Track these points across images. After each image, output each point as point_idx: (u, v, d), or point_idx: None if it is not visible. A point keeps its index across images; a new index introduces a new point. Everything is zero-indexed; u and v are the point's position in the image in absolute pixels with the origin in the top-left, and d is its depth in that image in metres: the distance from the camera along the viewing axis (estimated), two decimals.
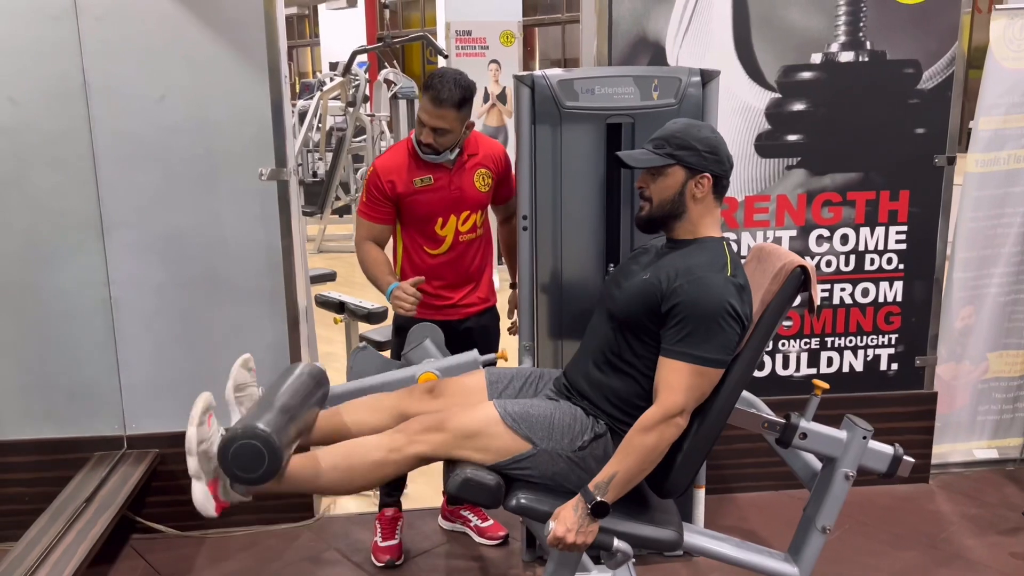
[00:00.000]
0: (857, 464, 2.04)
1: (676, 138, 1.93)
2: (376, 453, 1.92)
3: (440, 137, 2.47)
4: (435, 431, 1.91)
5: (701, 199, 1.94)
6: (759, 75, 2.92)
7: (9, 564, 2.25)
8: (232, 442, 1.75)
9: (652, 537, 1.90)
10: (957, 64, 2.98)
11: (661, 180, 1.95)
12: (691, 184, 1.93)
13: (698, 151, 1.92)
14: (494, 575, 2.73)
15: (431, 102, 2.43)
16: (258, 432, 1.74)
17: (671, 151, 1.93)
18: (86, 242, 2.78)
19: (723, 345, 1.80)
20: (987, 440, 3.43)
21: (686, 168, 1.93)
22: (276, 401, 1.87)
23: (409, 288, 2.43)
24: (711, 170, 1.93)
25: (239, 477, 1.77)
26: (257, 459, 1.74)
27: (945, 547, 2.86)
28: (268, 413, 1.81)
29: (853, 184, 3.03)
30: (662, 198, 1.95)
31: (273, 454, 1.74)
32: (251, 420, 1.78)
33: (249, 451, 1.74)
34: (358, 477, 1.93)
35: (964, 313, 3.27)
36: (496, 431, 1.91)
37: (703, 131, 1.96)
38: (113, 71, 2.68)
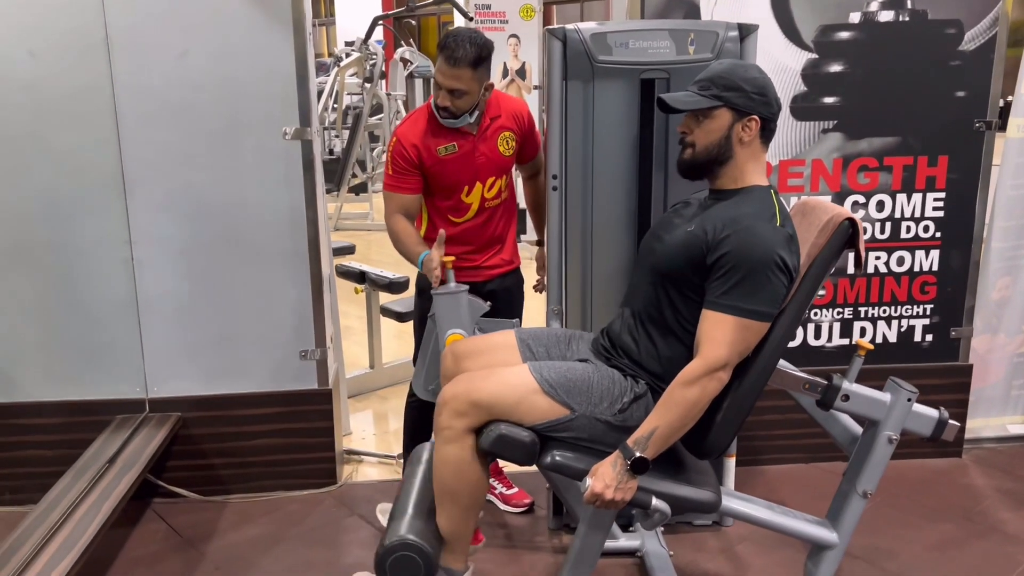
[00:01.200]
0: (901, 427, 1.98)
1: (722, 78, 1.86)
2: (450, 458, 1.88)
3: (457, 99, 2.39)
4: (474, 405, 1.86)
5: (748, 143, 1.87)
6: (795, 35, 2.84)
7: (31, 522, 2.21)
8: (383, 565, 1.83)
9: (690, 497, 1.85)
10: (1000, 25, 2.88)
11: (707, 123, 1.87)
12: (738, 127, 1.86)
13: (746, 92, 1.84)
14: (519, 542, 2.69)
15: (446, 62, 2.34)
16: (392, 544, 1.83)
17: (717, 92, 1.85)
18: (107, 201, 2.73)
19: (770, 298, 1.74)
20: (1022, 415, 3.36)
21: (733, 110, 1.85)
22: (408, 501, 1.97)
23: (432, 254, 2.36)
24: (759, 112, 1.85)
25: None
26: (413, 566, 1.83)
27: (981, 520, 2.79)
28: (403, 518, 1.91)
29: (890, 149, 2.94)
30: (708, 142, 1.87)
31: (419, 551, 1.83)
32: (388, 537, 1.86)
33: (402, 563, 1.83)
34: (468, 489, 1.91)
35: (1001, 284, 3.19)
36: (534, 400, 1.86)
37: (750, 71, 1.88)
38: (135, 25, 2.63)
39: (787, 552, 2.57)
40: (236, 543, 2.68)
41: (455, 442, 1.87)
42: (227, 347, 2.88)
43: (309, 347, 2.89)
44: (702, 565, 2.55)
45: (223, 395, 2.89)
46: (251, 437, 2.92)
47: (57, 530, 2.18)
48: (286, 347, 2.89)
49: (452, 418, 1.87)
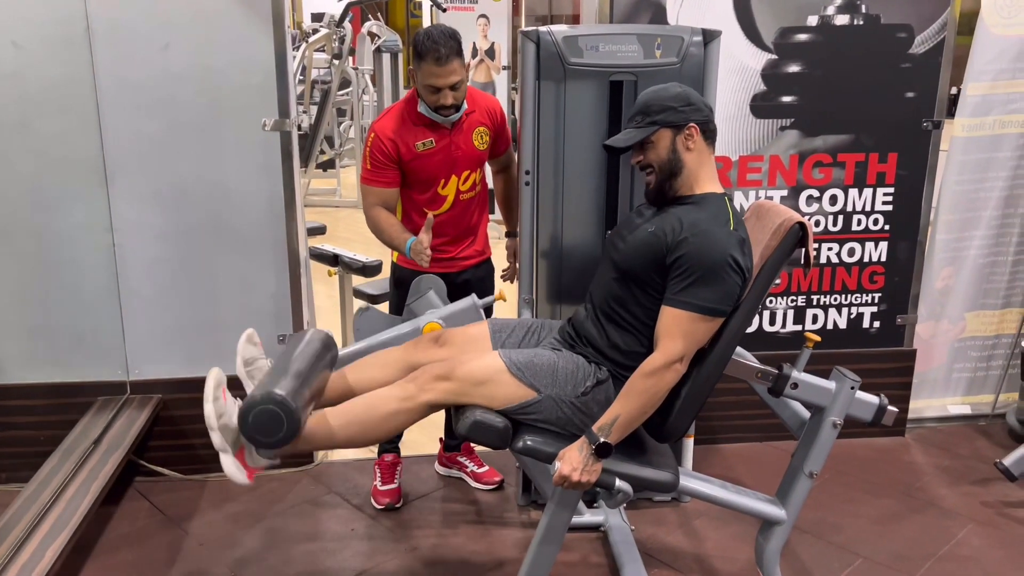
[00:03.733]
0: (844, 413, 2.14)
1: (649, 106, 2.02)
2: (389, 404, 1.99)
3: (456, 91, 2.49)
4: (444, 380, 1.98)
5: (694, 149, 2.02)
6: (756, 36, 2.97)
7: (24, 502, 2.31)
8: (251, 409, 1.82)
9: (651, 478, 2.00)
10: (948, 30, 3.04)
11: (652, 149, 2.02)
12: (680, 139, 2.01)
13: (674, 108, 2.00)
14: (490, 518, 2.84)
15: (436, 63, 2.42)
16: (274, 397, 1.81)
17: (651, 119, 2.01)
18: (89, 188, 2.80)
19: (724, 295, 1.89)
20: (961, 396, 3.57)
21: (670, 127, 2.00)
22: (289, 367, 1.93)
23: (422, 238, 2.47)
24: (693, 119, 2.00)
25: (261, 442, 1.85)
26: (276, 423, 1.81)
27: (920, 495, 3.00)
28: (282, 378, 1.88)
29: (844, 146, 3.10)
30: (659, 162, 2.02)
31: (291, 417, 1.81)
32: (267, 387, 1.84)
33: (268, 416, 1.81)
34: (374, 429, 2.01)
35: (944, 274, 3.38)
36: (502, 379, 1.99)
37: (670, 89, 2.04)
38: (117, 17, 2.68)
39: (740, 526, 2.75)
40: (218, 520, 2.80)
41: (409, 405, 1.99)
42: (207, 331, 2.97)
43: (287, 331, 2.99)
44: (661, 539, 2.72)
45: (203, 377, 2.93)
46: None
47: (49, 509, 2.28)
48: (264, 331, 2.90)
49: (423, 386, 1.99)
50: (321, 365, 2.06)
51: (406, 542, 2.68)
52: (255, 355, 2.14)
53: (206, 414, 1.88)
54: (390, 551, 2.64)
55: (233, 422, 1.90)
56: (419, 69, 2.47)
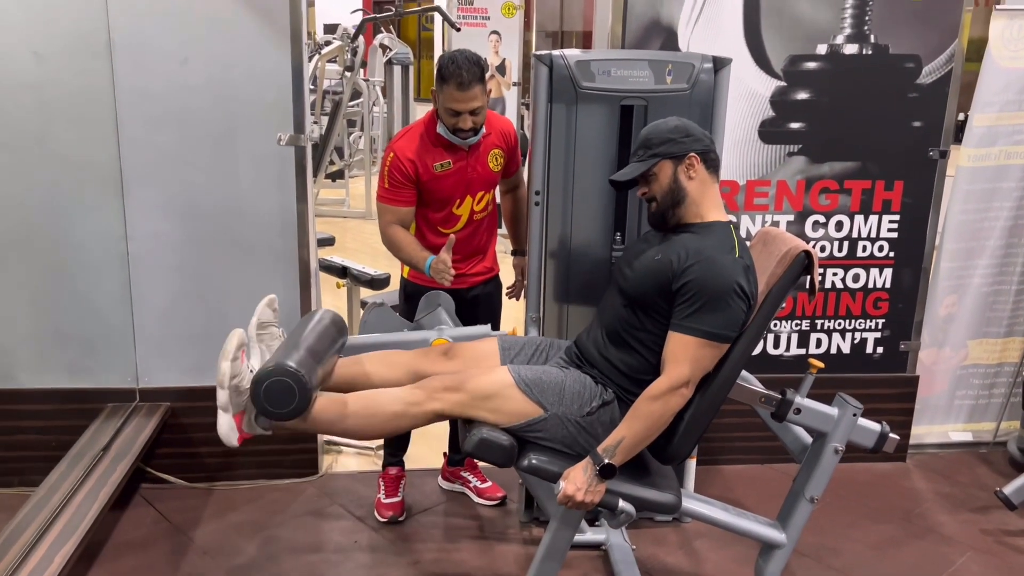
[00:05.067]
0: (846, 439, 2.17)
1: (649, 140, 2.08)
2: (396, 405, 2.03)
3: (476, 116, 2.54)
4: (453, 391, 2.02)
5: (695, 177, 2.06)
6: (766, 63, 3.01)
7: (34, 506, 2.34)
8: (266, 378, 1.85)
9: (654, 500, 2.02)
10: (956, 61, 3.08)
11: (655, 181, 2.08)
12: (681, 169, 2.06)
13: (673, 140, 2.06)
14: (492, 534, 2.86)
15: (458, 88, 2.47)
16: (289, 370, 1.85)
17: (652, 152, 2.06)
18: (106, 197, 2.84)
19: (730, 321, 1.92)
20: (963, 423, 3.59)
21: (671, 158, 2.05)
22: (303, 343, 1.97)
23: (444, 257, 2.50)
24: (692, 149, 2.06)
25: (270, 412, 1.88)
26: (288, 395, 1.85)
27: (919, 521, 3.01)
28: (297, 353, 1.91)
29: (850, 173, 3.14)
30: (662, 191, 2.08)
31: (303, 392, 1.85)
32: (283, 358, 1.88)
33: (281, 387, 1.84)
34: (376, 425, 2.05)
35: (948, 301, 3.40)
36: (510, 394, 2.02)
37: (669, 123, 2.10)
38: (138, 30, 2.73)
39: (740, 548, 2.77)
40: (222, 529, 2.82)
41: (417, 410, 2.02)
42: (216, 341, 2.93)
43: None
44: (662, 559, 2.74)
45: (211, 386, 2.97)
46: None
47: (58, 514, 2.31)
48: None
49: (431, 395, 2.02)
50: (333, 348, 2.10)
51: (409, 555, 2.71)
52: (270, 320, 2.17)
53: (221, 371, 1.91)
54: (393, 564, 2.66)
55: (244, 385, 1.94)
56: (441, 92, 2.51)
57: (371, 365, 2.21)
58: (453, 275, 2.51)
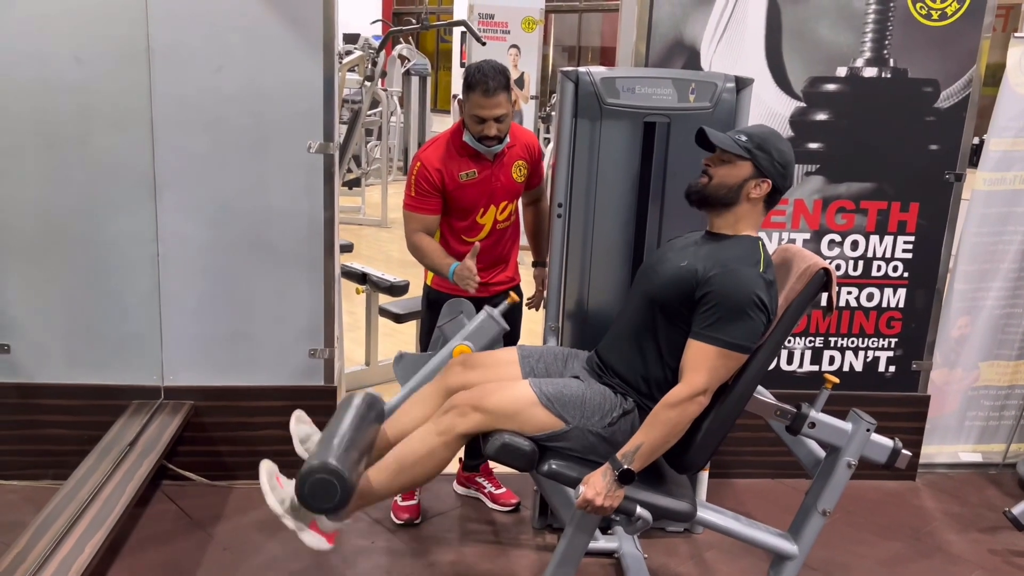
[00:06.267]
0: (859, 454, 2.21)
1: (759, 138, 2.09)
2: (428, 442, 2.08)
3: (501, 124, 2.61)
4: (475, 411, 2.07)
5: (754, 200, 2.10)
6: (786, 84, 3.07)
7: (63, 498, 2.40)
8: (304, 482, 1.91)
9: (670, 507, 2.07)
10: (974, 86, 3.13)
11: (728, 167, 2.09)
12: (751, 183, 2.08)
13: (772, 157, 2.07)
14: (506, 539, 2.90)
15: (483, 95, 2.55)
16: (321, 467, 1.91)
17: (750, 147, 2.08)
18: (139, 200, 2.91)
19: (749, 332, 1.97)
20: (973, 444, 3.62)
21: (756, 166, 2.08)
22: (335, 435, 2.03)
23: (468, 264, 2.57)
24: (775, 179, 2.08)
25: (320, 509, 1.94)
26: (330, 489, 1.91)
27: (928, 540, 3.05)
28: (329, 447, 1.97)
29: (867, 194, 3.19)
30: (722, 182, 2.09)
31: (341, 480, 1.91)
32: (314, 458, 1.94)
33: (320, 484, 1.90)
34: (420, 471, 2.10)
35: (961, 323, 3.44)
36: (533, 412, 2.07)
37: (782, 143, 2.11)
38: (176, 38, 2.81)
39: (751, 560, 2.81)
40: (242, 526, 2.88)
41: (445, 438, 2.08)
42: (241, 342, 3.07)
43: (318, 346, 3.08)
44: (673, 568, 2.78)
45: (234, 387, 3.08)
46: (258, 428, 3.12)
47: (87, 507, 2.37)
48: (297, 345, 3.08)
49: (456, 419, 2.08)
50: (367, 423, 2.15)
51: (424, 557, 2.76)
52: (308, 432, 2.27)
53: (270, 505, 1.98)
54: (409, 565, 2.71)
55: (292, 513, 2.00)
56: (467, 99, 2.58)
57: (407, 414, 2.28)
58: (478, 281, 2.57)
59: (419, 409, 2.26)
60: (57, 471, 2.88)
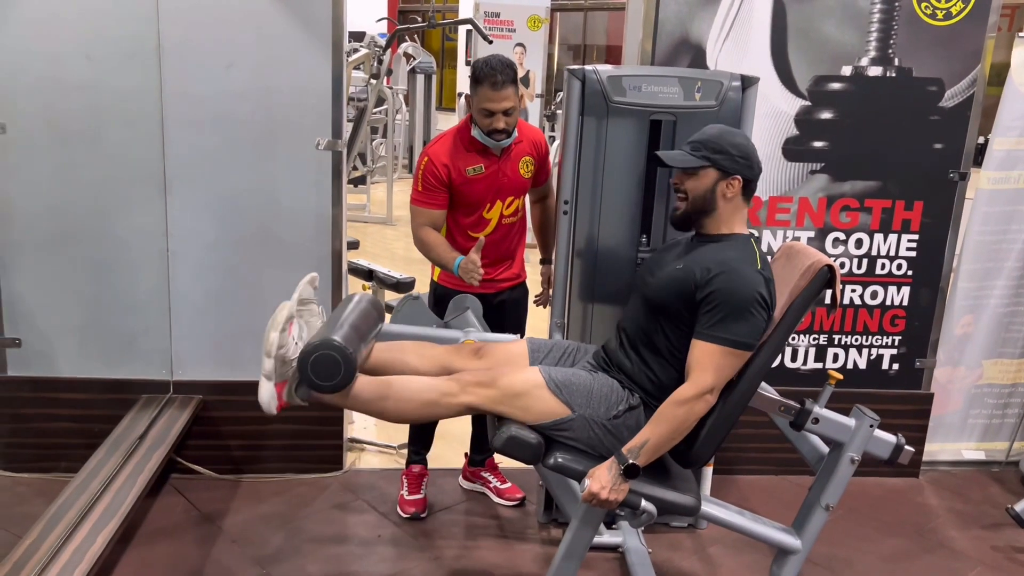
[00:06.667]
0: (862, 450, 2.23)
1: (712, 142, 2.12)
2: (431, 393, 2.10)
3: (509, 117, 2.63)
4: (485, 386, 2.09)
5: (731, 199, 2.13)
6: (791, 83, 3.09)
7: (75, 490, 2.43)
8: (314, 351, 1.95)
9: (674, 501, 2.09)
10: (978, 85, 3.15)
11: (695, 179, 2.14)
12: (722, 184, 2.12)
13: (731, 155, 2.10)
14: (511, 533, 2.93)
15: (492, 88, 2.58)
16: (337, 344, 1.95)
17: (707, 154, 2.11)
18: (149, 197, 2.94)
19: (752, 330, 1.99)
20: (976, 442, 3.63)
21: (719, 170, 2.11)
22: (347, 321, 2.07)
23: (473, 257, 2.59)
24: (742, 173, 2.11)
25: (316, 384, 1.97)
26: (334, 369, 1.94)
27: (931, 536, 3.07)
28: (343, 330, 2.01)
29: (871, 192, 3.21)
30: (695, 195, 2.14)
31: (349, 366, 1.95)
32: (329, 333, 1.97)
33: (328, 361, 1.94)
34: (410, 410, 2.12)
35: (964, 321, 3.46)
36: (540, 394, 2.09)
37: (737, 137, 2.14)
38: (186, 36, 2.84)
39: (754, 555, 2.83)
40: (250, 519, 2.91)
41: (449, 400, 2.09)
42: (249, 337, 3.08)
43: None
44: (677, 563, 2.81)
45: (243, 381, 3.10)
46: (266, 422, 3.10)
47: (99, 498, 2.40)
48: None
49: (465, 390, 2.09)
50: (373, 330, 2.20)
51: (430, 551, 2.78)
52: (310, 298, 2.25)
53: (269, 340, 2.00)
54: (415, 558, 2.74)
55: (289, 356, 2.03)
56: (476, 93, 2.61)
57: (404, 354, 2.29)
58: (481, 274, 2.59)
59: (417, 361, 2.27)
60: (68, 464, 2.91)
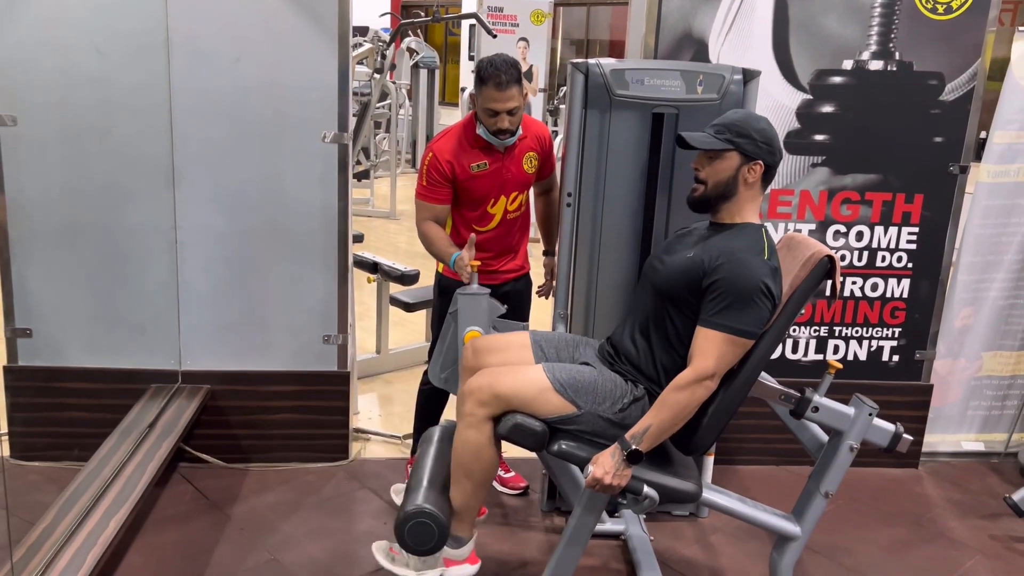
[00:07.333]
0: (861, 438, 2.26)
1: (736, 126, 2.13)
2: (468, 443, 2.15)
3: (513, 116, 2.66)
4: (491, 395, 2.13)
5: (752, 184, 2.15)
6: (793, 76, 3.12)
7: (87, 476, 2.47)
8: (401, 535, 2.06)
9: (676, 487, 2.13)
10: (978, 79, 3.17)
11: (717, 163, 2.15)
12: (744, 169, 2.13)
13: (755, 140, 2.12)
14: (515, 521, 2.97)
15: (496, 88, 2.60)
16: (405, 514, 2.06)
17: (731, 137, 2.13)
18: (158, 189, 2.98)
19: (755, 319, 2.02)
20: (975, 434, 3.67)
21: (742, 154, 2.13)
22: (418, 479, 2.18)
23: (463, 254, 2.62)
24: (764, 159, 2.13)
25: (430, 550, 2.08)
26: (427, 530, 2.07)
27: (930, 526, 3.10)
28: (413, 493, 2.12)
29: (872, 185, 3.24)
30: (717, 180, 2.15)
31: (432, 518, 2.06)
32: (402, 508, 2.08)
33: (418, 529, 2.06)
34: (480, 467, 2.17)
35: (964, 313, 3.49)
36: (547, 397, 2.13)
37: (761, 123, 2.16)
38: (194, 30, 2.88)
39: (755, 544, 2.87)
40: (258, 507, 2.95)
41: (475, 427, 2.15)
42: (257, 328, 3.14)
43: (332, 332, 3.15)
44: (679, 551, 2.85)
45: (250, 371, 3.15)
46: (273, 411, 3.19)
47: (110, 485, 2.44)
48: (311, 331, 3.15)
49: (475, 407, 2.14)
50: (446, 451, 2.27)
51: None
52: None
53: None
54: None
55: (421, 567, 2.13)
56: (480, 93, 2.64)
57: None
58: (471, 270, 2.61)
59: None
60: (78, 452, 2.95)
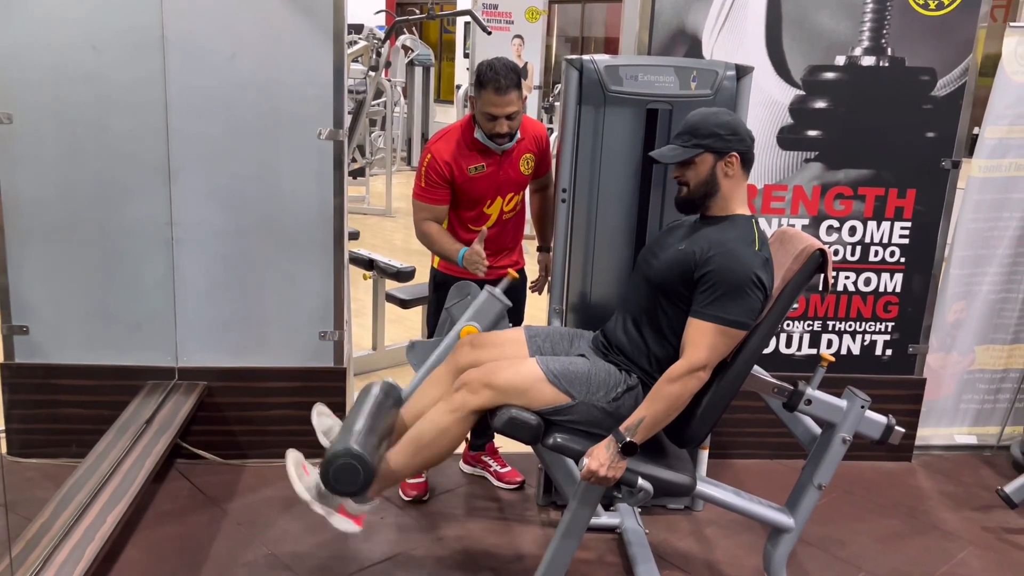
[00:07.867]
0: (854, 430, 2.28)
1: (698, 128, 2.17)
2: (441, 421, 2.17)
3: (512, 121, 2.67)
4: (486, 387, 2.15)
5: (732, 176, 2.18)
6: (786, 72, 3.14)
7: (85, 472, 2.49)
8: (328, 467, 2.04)
9: (671, 480, 2.15)
10: (970, 75, 3.19)
11: (694, 168, 2.19)
12: (720, 164, 2.17)
13: (720, 136, 2.15)
14: (511, 515, 2.99)
15: (495, 93, 2.61)
16: (344, 452, 2.03)
17: (697, 141, 2.16)
18: (154, 186, 2.99)
19: (747, 310, 2.04)
20: (968, 427, 3.69)
21: (713, 153, 2.16)
22: (356, 422, 2.15)
23: (477, 248, 2.65)
24: (736, 148, 2.16)
25: (345, 493, 2.07)
26: (353, 473, 2.04)
27: (923, 518, 3.13)
28: (350, 434, 2.09)
29: (865, 180, 3.26)
30: (697, 181, 2.19)
31: (363, 464, 2.03)
32: (337, 445, 2.06)
33: (344, 469, 2.03)
34: (436, 449, 2.19)
35: (957, 307, 3.51)
36: (541, 388, 2.15)
37: (721, 116, 2.19)
38: (190, 27, 2.88)
39: (750, 536, 2.89)
40: (255, 503, 2.96)
41: (458, 415, 2.16)
42: (253, 324, 3.15)
43: (328, 329, 3.16)
44: (674, 544, 2.87)
45: (246, 367, 3.16)
46: (270, 407, 3.20)
47: (107, 480, 2.46)
48: (307, 327, 3.16)
49: (467, 396, 2.16)
50: (385, 409, 2.27)
51: (432, 532, 2.84)
52: (330, 424, 2.37)
53: (299, 493, 2.10)
54: (418, 540, 2.80)
55: (324, 488, 2.10)
56: (479, 97, 2.65)
57: (422, 398, 2.37)
58: (487, 265, 2.64)
59: (433, 390, 2.34)
60: (76, 449, 2.96)
